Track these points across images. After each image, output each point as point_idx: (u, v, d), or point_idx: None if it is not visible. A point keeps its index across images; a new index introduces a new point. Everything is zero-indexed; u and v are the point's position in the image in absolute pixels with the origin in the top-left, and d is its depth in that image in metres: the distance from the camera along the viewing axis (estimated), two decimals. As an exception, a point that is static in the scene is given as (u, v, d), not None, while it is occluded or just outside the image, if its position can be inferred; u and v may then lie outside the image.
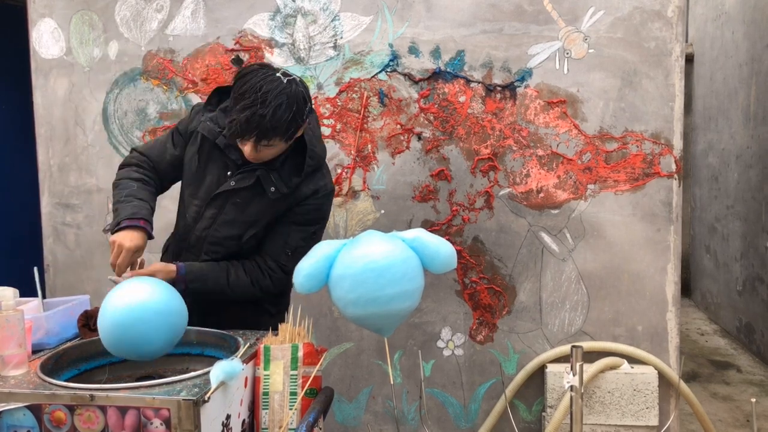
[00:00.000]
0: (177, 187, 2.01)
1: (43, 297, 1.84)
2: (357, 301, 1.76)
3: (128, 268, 1.72)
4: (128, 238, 1.70)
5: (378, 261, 1.74)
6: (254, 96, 1.62)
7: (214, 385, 1.37)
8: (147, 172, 1.93)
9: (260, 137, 1.66)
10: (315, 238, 1.93)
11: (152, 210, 1.84)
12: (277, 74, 1.68)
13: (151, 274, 1.71)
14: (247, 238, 1.89)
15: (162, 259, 2.01)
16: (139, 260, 1.77)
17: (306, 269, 1.79)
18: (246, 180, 1.83)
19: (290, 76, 1.70)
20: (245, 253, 1.93)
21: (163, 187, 1.99)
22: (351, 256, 1.78)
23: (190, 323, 1.78)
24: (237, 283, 1.87)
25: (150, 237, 1.78)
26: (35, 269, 1.85)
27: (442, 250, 1.89)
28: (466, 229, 2.65)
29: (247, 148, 1.72)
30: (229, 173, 1.85)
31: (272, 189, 1.81)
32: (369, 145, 2.67)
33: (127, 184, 1.86)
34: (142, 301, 1.47)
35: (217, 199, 1.87)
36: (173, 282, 1.77)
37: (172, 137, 1.96)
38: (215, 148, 1.87)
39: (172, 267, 1.82)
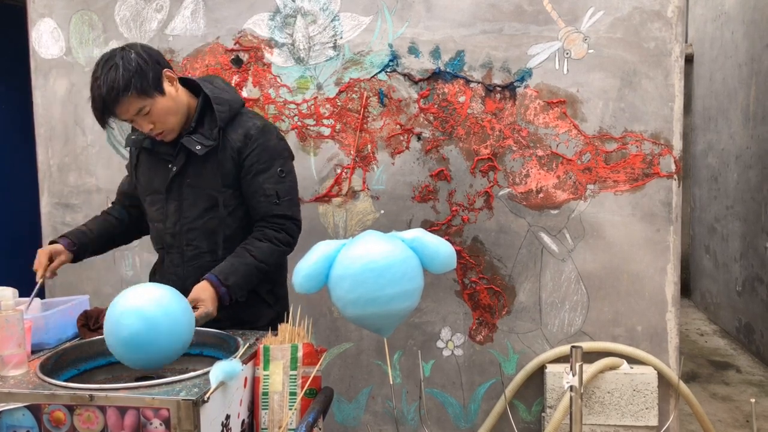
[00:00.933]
0: None
1: (41, 297, 1.86)
2: (357, 301, 1.76)
3: (48, 271, 1.91)
4: (47, 246, 1.95)
5: (378, 261, 1.74)
6: (92, 80, 1.78)
7: (213, 385, 1.37)
8: (111, 209, 2.16)
9: (112, 104, 1.74)
10: (287, 175, 1.96)
11: (90, 229, 2.06)
12: (110, 51, 1.81)
13: (195, 300, 1.75)
14: (217, 212, 1.92)
15: (152, 279, 2.08)
16: (58, 264, 1.94)
17: (305, 270, 1.79)
18: (181, 158, 1.91)
19: (124, 46, 1.82)
20: (230, 236, 1.95)
21: (131, 214, 2.15)
22: (350, 257, 1.78)
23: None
24: (261, 253, 1.89)
25: (71, 249, 1.97)
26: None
27: (442, 250, 1.89)
28: (465, 229, 2.65)
29: (137, 126, 1.84)
30: (169, 165, 1.93)
31: (198, 147, 1.87)
32: (369, 146, 2.68)
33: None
34: (153, 310, 1.49)
35: (171, 190, 1.94)
36: (217, 296, 1.79)
37: (127, 171, 2.14)
38: (150, 154, 1.98)
39: (205, 282, 1.81)
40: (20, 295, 1.73)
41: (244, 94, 2.72)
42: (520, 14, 2.55)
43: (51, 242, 1.98)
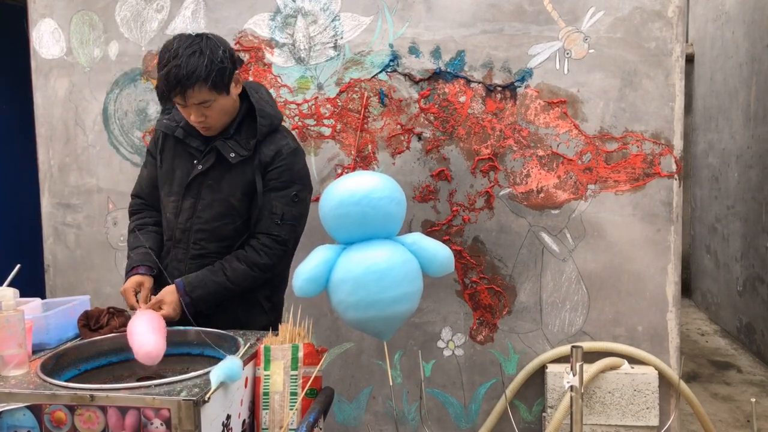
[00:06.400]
0: None
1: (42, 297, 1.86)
2: (358, 304, 1.76)
3: (141, 302, 1.86)
4: (127, 284, 1.89)
5: (379, 264, 1.75)
6: (168, 55, 1.74)
7: (214, 385, 1.37)
8: (141, 215, 2.07)
9: (183, 88, 1.72)
10: (299, 201, 1.95)
11: (151, 248, 1.97)
12: (191, 34, 1.77)
13: (159, 301, 1.81)
14: (232, 220, 1.92)
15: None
16: (146, 293, 1.89)
17: (306, 273, 1.79)
18: (210, 158, 1.90)
19: (205, 34, 1.79)
20: (237, 241, 1.94)
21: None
22: (352, 260, 1.78)
23: (181, 323, 1.80)
24: (235, 275, 1.88)
25: (151, 274, 1.92)
26: (18, 267, 1.84)
27: (440, 253, 1.90)
28: (466, 230, 2.64)
29: (188, 114, 1.80)
30: (195, 161, 1.92)
31: (232, 155, 1.87)
32: (369, 146, 2.67)
33: (128, 239, 2.06)
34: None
35: (191, 188, 1.93)
36: (179, 299, 1.82)
37: (145, 161, 2.08)
38: (177, 143, 1.95)
39: (173, 287, 1.85)
40: (21, 296, 1.72)
41: (245, 94, 2.72)
42: (520, 14, 2.55)
43: (128, 274, 1.92)
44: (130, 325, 1.63)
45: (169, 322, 1.77)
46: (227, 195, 1.91)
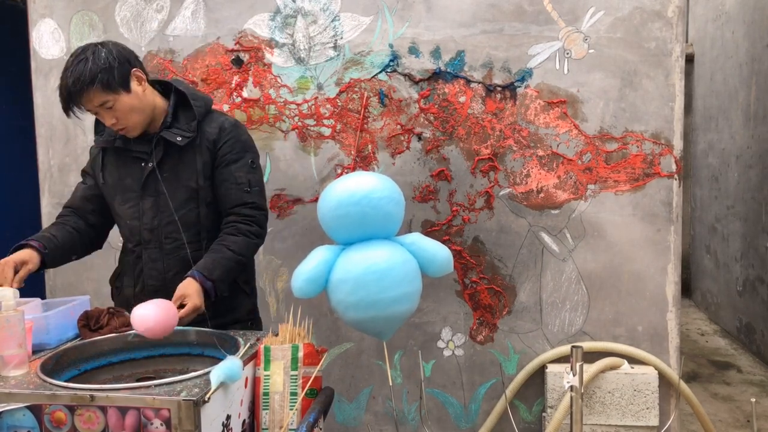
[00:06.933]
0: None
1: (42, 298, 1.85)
2: (358, 304, 1.76)
3: (16, 282, 1.81)
4: (10, 257, 1.84)
5: (379, 264, 1.75)
6: (63, 70, 1.83)
7: (214, 385, 1.37)
8: (66, 217, 2.08)
9: (75, 96, 1.80)
10: (257, 167, 2.03)
11: (55, 236, 1.97)
12: (83, 46, 1.84)
13: (181, 296, 1.77)
14: (195, 204, 1.95)
15: (115, 281, 2.10)
16: (25, 273, 1.83)
17: (305, 273, 1.79)
18: (158, 152, 1.94)
19: (98, 42, 1.86)
20: (208, 227, 1.98)
21: (89, 223, 2.07)
22: (352, 260, 1.79)
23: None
24: (239, 247, 1.92)
25: (42, 251, 1.89)
26: None
27: (439, 254, 1.90)
28: (466, 230, 2.64)
29: (102, 118, 1.88)
30: (143, 163, 1.96)
31: (179, 138, 1.92)
32: (369, 146, 2.67)
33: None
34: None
35: (147, 187, 1.96)
36: (204, 290, 1.81)
37: (78, 184, 2.13)
38: (119, 154, 2.00)
39: (189, 279, 1.82)
40: (21, 296, 1.72)
41: (245, 94, 2.72)
42: (520, 14, 2.55)
43: (15, 247, 1.89)
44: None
45: (193, 320, 1.76)
46: (186, 181, 1.95)
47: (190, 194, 1.96)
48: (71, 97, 1.82)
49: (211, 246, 1.93)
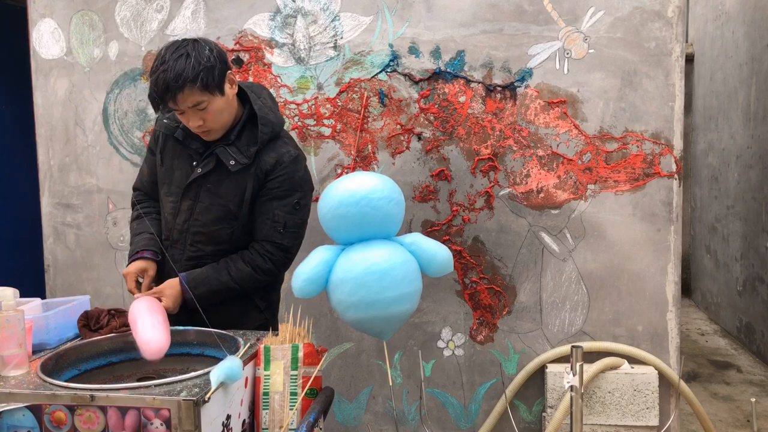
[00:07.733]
0: None
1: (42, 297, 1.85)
2: (358, 304, 1.77)
3: (143, 290, 1.88)
4: (131, 267, 1.91)
5: (380, 264, 1.75)
6: (157, 62, 1.74)
7: (214, 385, 1.37)
8: (145, 204, 2.07)
9: (174, 91, 1.71)
10: (301, 208, 1.95)
11: (154, 234, 1.97)
12: (179, 40, 1.78)
13: (160, 292, 1.81)
14: (229, 224, 1.91)
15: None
16: (149, 281, 1.91)
17: (305, 274, 1.79)
18: (210, 163, 1.89)
19: (194, 38, 1.79)
20: (236, 246, 1.94)
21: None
22: (352, 260, 1.79)
23: (178, 322, 1.80)
24: (239, 276, 1.89)
25: (156, 259, 1.94)
26: None
27: (439, 254, 1.90)
28: (466, 229, 2.64)
29: (185, 119, 1.80)
30: (194, 163, 1.92)
31: (232, 162, 1.86)
32: (369, 146, 2.67)
33: (131, 226, 2.07)
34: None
35: (190, 190, 1.92)
36: (180, 294, 1.83)
37: (146, 157, 2.08)
38: (177, 143, 1.94)
39: (176, 281, 1.85)
40: (21, 296, 1.72)
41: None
42: (520, 14, 2.55)
43: (132, 258, 1.92)
44: (131, 315, 1.63)
45: (197, 323, 1.77)
46: (226, 200, 1.90)
47: (226, 214, 1.91)
48: (169, 92, 1.71)
49: (221, 259, 1.90)
